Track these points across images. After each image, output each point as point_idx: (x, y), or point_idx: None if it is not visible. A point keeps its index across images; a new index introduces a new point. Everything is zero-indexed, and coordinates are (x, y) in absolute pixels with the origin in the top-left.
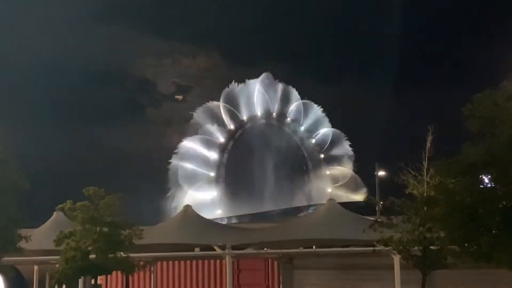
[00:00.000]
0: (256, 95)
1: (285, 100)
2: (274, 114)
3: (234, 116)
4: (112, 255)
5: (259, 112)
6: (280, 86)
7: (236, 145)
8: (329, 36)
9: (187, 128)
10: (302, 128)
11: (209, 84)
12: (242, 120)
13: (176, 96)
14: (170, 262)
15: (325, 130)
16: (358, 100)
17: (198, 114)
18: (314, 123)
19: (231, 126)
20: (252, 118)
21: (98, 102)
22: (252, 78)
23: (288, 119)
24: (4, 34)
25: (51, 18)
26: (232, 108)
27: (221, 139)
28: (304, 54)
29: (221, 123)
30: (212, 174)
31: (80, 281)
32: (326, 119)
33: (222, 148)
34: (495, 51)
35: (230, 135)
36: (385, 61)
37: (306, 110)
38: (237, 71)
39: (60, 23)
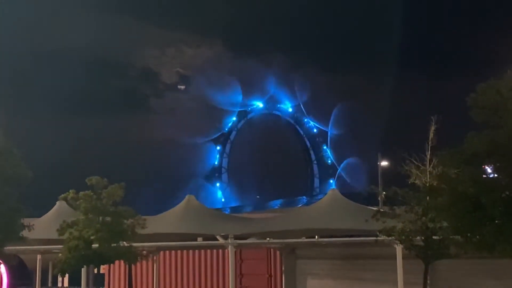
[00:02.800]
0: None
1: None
2: (278, 104)
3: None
4: (115, 244)
5: (262, 102)
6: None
7: (239, 135)
8: (332, 25)
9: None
10: (306, 119)
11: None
12: (245, 110)
13: (179, 86)
14: (173, 252)
15: None
16: (360, 90)
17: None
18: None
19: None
20: (255, 108)
21: (101, 92)
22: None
23: (291, 110)
24: (4, 26)
25: (52, 8)
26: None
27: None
28: (308, 44)
29: None
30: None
31: (83, 270)
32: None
33: (225, 138)
34: (501, 39)
35: (233, 125)
36: (388, 50)
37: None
38: (241, 61)
39: (61, 13)
